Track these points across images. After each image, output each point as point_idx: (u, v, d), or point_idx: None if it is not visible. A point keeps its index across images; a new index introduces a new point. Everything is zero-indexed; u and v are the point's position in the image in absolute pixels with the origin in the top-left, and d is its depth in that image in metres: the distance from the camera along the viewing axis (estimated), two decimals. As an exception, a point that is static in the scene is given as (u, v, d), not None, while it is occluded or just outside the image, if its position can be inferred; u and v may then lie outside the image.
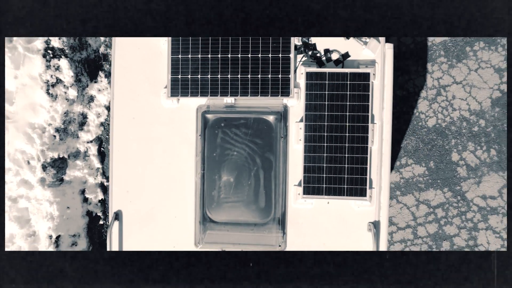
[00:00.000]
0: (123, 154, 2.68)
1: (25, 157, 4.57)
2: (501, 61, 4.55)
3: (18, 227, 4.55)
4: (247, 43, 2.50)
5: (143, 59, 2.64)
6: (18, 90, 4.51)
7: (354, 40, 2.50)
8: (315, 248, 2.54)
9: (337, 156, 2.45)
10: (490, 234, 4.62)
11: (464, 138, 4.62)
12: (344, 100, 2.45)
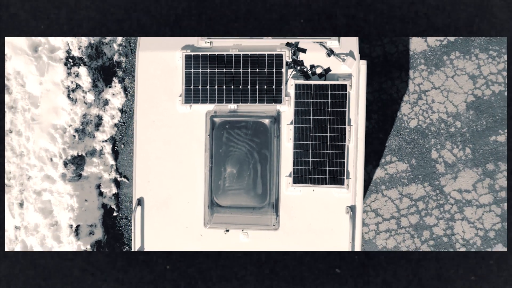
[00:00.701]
0: (145, 150, 3.33)
1: (48, 155, 5.22)
2: (474, 68, 5.19)
3: (42, 217, 5.20)
4: (247, 60, 3.14)
5: (162, 73, 3.29)
6: (43, 95, 5.16)
7: (334, 58, 3.15)
8: (302, 228, 3.18)
9: (320, 152, 3.10)
10: (466, 224, 5.26)
11: (442, 138, 5.26)
12: (326, 106, 3.09)
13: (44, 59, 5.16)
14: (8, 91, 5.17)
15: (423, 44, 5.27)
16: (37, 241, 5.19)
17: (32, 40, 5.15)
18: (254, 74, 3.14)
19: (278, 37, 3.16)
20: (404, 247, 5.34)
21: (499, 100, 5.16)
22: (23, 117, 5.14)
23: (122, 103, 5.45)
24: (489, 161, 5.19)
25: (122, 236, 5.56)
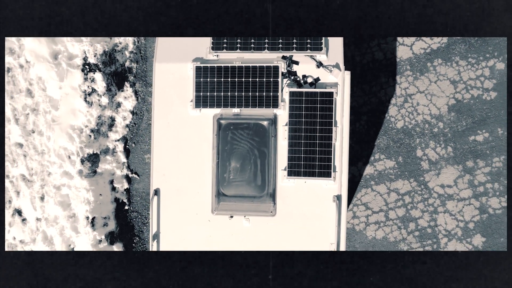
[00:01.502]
0: (161, 148, 3.99)
1: (66, 153, 5.89)
2: (455, 74, 5.86)
3: (61, 210, 5.87)
4: (248, 71, 3.80)
5: (175, 81, 3.95)
6: (62, 98, 5.84)
7: (323, 69, 3.80)
8: (296, 214, 3.84)
9: (310, 149, 3.75)
10: (448, 217, 5.93)
11: (426, 138, 5.93)
12: (316, 111, 3.75)
13: (63, 66, 5.82)
14: (30, 95, 5.84)
15: (408, 51, 5.93)
16: (57, 232, 5.86)
17: (52, 48, 5.82)
18: (254, 82, 3.80)
19: (275, 51, 3.83)
20: (392, 238, 6.00)
21: (477, 103, 5.82)
22: (45, 119, 5.81)
23: (133, 106, 6.11)
24: (469, 159, 5.85)
25: (133, 228, 6.22)
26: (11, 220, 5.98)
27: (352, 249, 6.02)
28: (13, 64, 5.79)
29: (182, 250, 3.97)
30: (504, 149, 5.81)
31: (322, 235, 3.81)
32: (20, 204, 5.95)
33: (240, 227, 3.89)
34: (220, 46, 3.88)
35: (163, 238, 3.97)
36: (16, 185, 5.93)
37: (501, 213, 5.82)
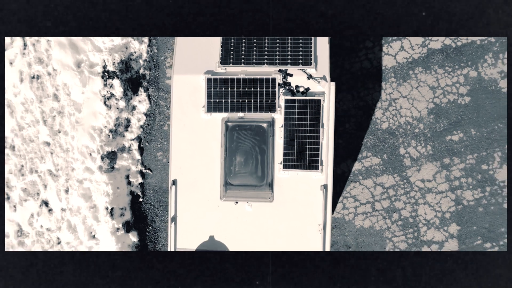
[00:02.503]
0: (178, 146, 4.99)
1: (88, 151, 6.90)
2: (434, 81, 6.87)
3: (84, 201, 6.88)
4: (250, 82, 4.81)
5: (190, 90, 4.95)
6: (84, 102, 6.85)
7: (312, 80, 4.82)
8: (290, 200, 4.84)
9: (302, 147, 4.75)
10: (427, 208, 6.94)
11: (409, 137, 6.94)
12: (306, 115, 4.76)
13: (85, 73, 6.84)
14: (57, 99, 6.85)
15: (393, 61, 6.95)
16: (80, 221, 6.88)
17: (76, 58, 6.83)
18: (256, 91, 4.81)
19: (273, 66, 4.85)
20: (378, 227, 7.01)
21: (453, 107, 6.84)
22: (69, 120, 6.83)
23: (147, 109, 7.12)
24: (446, 156, 6.87)
25: (146, 218, 7.24)
26: (38, 210, 7.00)
27: (342, 236, 7.04)
28: (41, 72, 6.81)
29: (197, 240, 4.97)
30: (477, 148, 6.83)
31: (311, 218, 4.82)
32: (47, 196, 6.97)
33: (244, 211, 4.91)
34: (227, 61, 4.90)
35: (180, 220, 4.98)
36: (44, 179, 6.94)
37: (474, 205, 6.84)
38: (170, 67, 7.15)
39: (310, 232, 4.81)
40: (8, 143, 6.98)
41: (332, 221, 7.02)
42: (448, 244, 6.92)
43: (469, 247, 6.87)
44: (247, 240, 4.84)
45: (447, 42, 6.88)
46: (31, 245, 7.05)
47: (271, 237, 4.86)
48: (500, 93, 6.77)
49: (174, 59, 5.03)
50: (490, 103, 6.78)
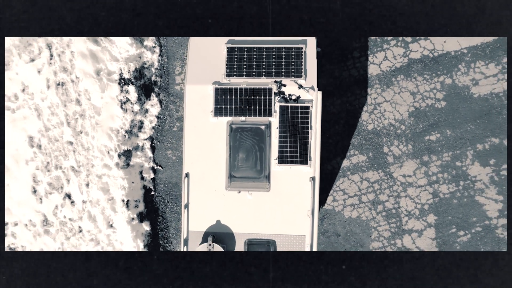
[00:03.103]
0: (190, 145, 6.19)
1: (106, 149, 8.11)
2: (414, 87, 8.07)
3: (103, 194, 8.09)
4: (251, 91, 6.02)
5: (200, 98, 6.15)
6: (103, 106, 8.06)
7: (303, 90, 6.02)
8: (284, 190, 6.05)
9: (294, 145, 5.95)
10: (408, 200, 8.14)
11: (391, 137, 8.14)
12: (297, 118, 5.96)
13: (104, 81, 8.05)
14: (79, 103, 8.07)
15: (377, 69, 8.16)
16: (99, 211, 8.09)
17: (96, 67, 8.05)
18: (255, 99, 6.02)
19: (269, 77, 6.05)
20: (364, 217, 8.22)
21: (431, 110, 8.04)
22: (90, 122, 8.04)
23: (158, 112, 8.32)
24: (425, 154, 8.07)
25: (157, 210, 8.45)
26: (62, 202, 8.22)
27: (332, 226, 8.24)
28: (66, 79, 8.03)
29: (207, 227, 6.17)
30: (452, 147, 8.03)
31: (301, 205, 6.04)
32: (70, 190, 8.18)
33: (245, 199, 6.12)
34: (231, 73, 6.11)
35: (191, 207, 6.19)
36: (67, 174, 8.16)
37: (449, 197, 8.05)
38: (179, 74, 8.37)
39: (300, 216, 6.02)
40: (35, 142, 8.20)
41: (323, 212, 8.23)
42: (427, 232, 8.13)
43: (445, 234, 8.07)
44: (248, 223, 6.05)
45: (425, 52, 8.09)
46: (55, 233, 8.26)
47: (268, 220, 6.07)
48: (472, 98, 7.98)
49: (186, 71, 6.24)
50: (463, 107, 7.99)
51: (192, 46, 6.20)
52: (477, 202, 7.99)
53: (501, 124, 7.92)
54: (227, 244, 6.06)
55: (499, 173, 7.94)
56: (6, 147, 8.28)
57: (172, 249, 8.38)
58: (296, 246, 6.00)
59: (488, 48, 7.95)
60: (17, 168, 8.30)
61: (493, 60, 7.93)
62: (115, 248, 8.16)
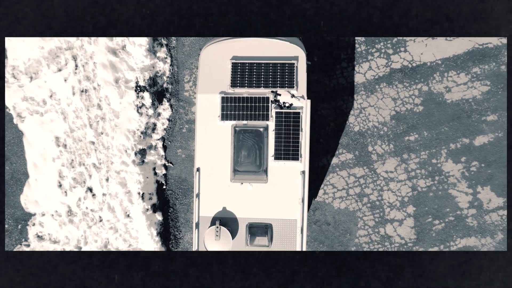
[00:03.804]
0: (201, 144, 7.82)
1: (124, 148, 9.74)
2: (395, 93, 9.70)
3: (121, 187, 9.72)
4: (252, 99, 7.65)
5: (209, 105, 7.79)
6: (121, 110, 9.69)
7: (295, 98, 7.64)
8: (279, 182, 7.69)
9: (287, 144, 7.58)
10: (390, 193, 9.77)
11: (375, 138, 9.77)
12: (290, 122, 7.59)
13: (122, 88, 9.68)
14: (100, 108, 9.69)
15: (363, 78, 9.78)
16: (117, 203, 9.72)
17: (115, 76, 9.67)
18: (255, 106, 7.64)
19: (267, 88, 7.67)
20: (351, 208, 9.84)
21: (410, 114, 9.66)
22: (110, 124, 9.67)
23: (169, 115, 9.95)
24: (404, 153, 9.69)
25: (168, 202, 10.07)
26: (85, 195, 9.84)
27: (323, 216, 9.86)
28: (89, 87, 9.66)
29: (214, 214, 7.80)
30: (428, 146, 9.65)
31: (293, 194, 7.65)
32: (92, 184, 9.81)
33: (247, 189, 7.73)
34: (235, 84, 7.72)
35: (201, 196, 7.81)
36: (89, 170, 9.79)
37: (426, 190, 9.66)
38: (187, 82, 9.99)
39: (292, 204, 7.65)
40: (61, 142, 9.83)
41: (315, 203, 9.85)
42: (406, 221, 9.75)
43: (422, 223, 9.69)
44: (249, 210, 7.67)
45: (405, 63, 9.71)
46: (79, 223, 9.88)
47: (266, 207, 7.69)
48: (446, 103, 9.60)
49: (198, 83, 7.87)
50: (438, 111, 9.61)
51: (202, 61, 7.82)
52: (450, 195, 9.62)
53: (470, 126, 9.54)
54: (232, 227, 7.69)
55: (469, 169, 9.56)
56: (35, 147, 9.91)
57: (181, 237, 10.01)
58: (289, 229, 7.63)
59: (459, 60, 9.58)
60: (45, 165, 9.93)
61: (464, 70, 9.56)
62: (131, 235, 9.78)
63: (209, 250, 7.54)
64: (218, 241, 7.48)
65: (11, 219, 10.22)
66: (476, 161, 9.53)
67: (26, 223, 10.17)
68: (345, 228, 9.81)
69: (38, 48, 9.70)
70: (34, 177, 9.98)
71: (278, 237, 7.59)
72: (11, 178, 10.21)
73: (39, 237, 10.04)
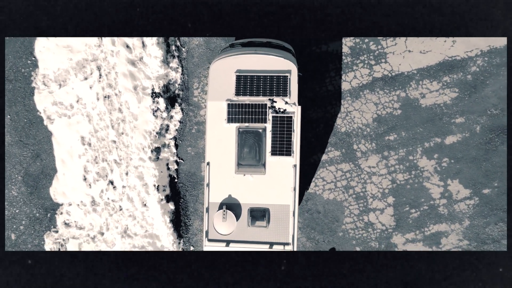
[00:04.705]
0: (211, 142, 10.15)
1: (142, 146, 12.10)
2: (377, 99, 12.04)
3: (139, 180, 12.08)
4: (252, 105, 10.00)
5: (218, 110, 10.12)
6: (139, 113, 12.05)
7: (288, 105, 9.98)
8: (274, 173, 10.03)
9: (281, 143, 9.93)
10: (373, 186, 12.11)
11: (359, 137, 12.12)
12: (284, 125, 9.94)
13: (140, 94, 12.04)
14: (121, 111, 12.04)
15: (348, 85, 12.13)
16: (136, 194, 12.07)
17: (134, 83, 12.03)
18: (255, 111, 9.99)
19: (265, 96, 10.01)
20: (339, 199, 12.18)
21: (390, 117, 12.00)
22: (129, 126, 12.02)
23: (180, 118, 12.30)
24: (385, 150, 12.04)
25: (179, 193, 12.41)
26: (107, 187, 12.18)
27: (314, 205, 12.20)
28: (111, 93, 12.00)
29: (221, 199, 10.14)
30: (406, 145, 12.00)
31: (287, 184, 10.00)
32: (113, 177, 12.15)
33: (248, 180, 10.07)
34: (239, 93, 10.06)
35: (211, 186, 10.14)
36: (111, 165, 12.13)
37: (404, 183, 12.00)
38: (196, 89, 12.33)
39: (286, 192, 9.98)
40: (86, 141, 12.16)
41: (307, 195, 12.18)
42: (387, 210, 12.07)
43: (400, 212, 12.03)
44: (250, 197, 9.99)
45: (385, 73, 12.05)
46: (101, 211, 12.22)
47: (264, 195, 10.01)
48: (421, 108, 11.92)
49: (208, 92, 10.21)
50: (414, 114, 11.94)
51: (211, 74, 10.15)
52: (424, 187, 11.94)
53: (442, 127, 11.87)
54: (236, 211, 10.00)
55: (441, 165, 11.90)
56: (63, 145, 12.25)
57: (191, 224, 12.35)
58: (283, 213, 9.94)
59: (432, 70, 11.92)
60: (71, 161, 12.27)
61: (436, 79, 11.90)
62: (148, 222, 12.11)
63: (217, 230, 9.88)
64: (225, 223, 9.81)
65: (41, 209, 12.57)
66: (447, 158, 11.86)
67: (54, 212, 12.51)
68: (334, 216, 12.14)
69: (67, 60, 12.05)
70: (62, 171, 12.31)
71: (274, 219, 9.93)
72: (41, 172, 12.55)
73: (66, 224, 12.37)
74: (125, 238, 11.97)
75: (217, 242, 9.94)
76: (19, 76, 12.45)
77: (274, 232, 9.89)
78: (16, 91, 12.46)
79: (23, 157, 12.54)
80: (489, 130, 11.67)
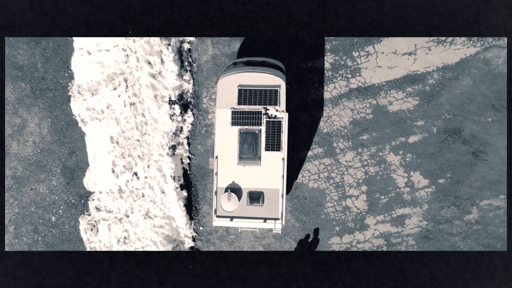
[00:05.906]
0: (219, 140, 14.42)
1: (161, 144, 16.44)
2: (352, 106, 16.36)
3: (158, 172, 16.43)
4: (251, 112, 14.30)
5: (224, 116, 14.39)
6: (159, 117, 16.40)
7: (278, 112, 14.27)
8: (268, 164, 14.35)
9: (272, 141, 14.17)
10: (349, 176, 16.43)
11: (338, 137, 16.43)
12: (275, 127, 14.23)
13: (159, 102, 16.38)
14: (143, 115, 16.37)
15: (329, 94, 16.44)
16: (156, 183, 16.41)
17: (154, 93, 16.36)
18: (253, 117, 14.27)
19: (260, 105, 14.28)
20: (321, 187, 16.47)
21: (363, 120, 16.30)
22: (151, 127, 16.35)
23: (192, 121, 16.61)
24: (359, 147, 16.33)
25: (191, 183, 16.73)
26: (131, 177, 16.49)
27: (301, 192, 16.48)
28: (136, 101, 16.32)
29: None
30: (376, 143, 16.30)
31: (277, 173, 14.26)
32: (137, 170, 16.47)
33: (247, 170, 14.34)
34: (240, 102, 14.33)
35: (218, 175, 14.39)
36: (135, 160, 16.45)
37: (375, 175, 16.30)
38: (205, 97, 16.62)
39: (277, 179, 14.25)
40: (114, 140, 16.46)
41: (296, 184, 16.47)
42: (361, 197, 16.35)
43: (372, 198, 16.31)
44: (249, 183, 14.24)
45: (360, 84, 16.34)
46: (127, 198, 16.52)
47: (260, 181, 14.27)
48: (388, 113, 16.22)
49: (216, 101, 14.48)
50: (383, 118, 16.24)
51: (219, 87, 14.42)
52: (391, 178, 16.22)
53: (406, 129, 16.15)
54: (238, 194, 14.27)
55: (405, 159, 16.18)
56: (94, 144, 16.56)
57: (200, 208, 16.65)
58: (274, 195, 14.21)
59: (398, 82, 16.21)
60: (102, 157, 16.57)
61: (401, 89, 16.19)
62: (165, 206, 16.39)
63: (223, 208, 14.18)
64: (229, 202, 14.10)
65: (77, 196, 16.87)
66: (410, 154, 16.12)
67: (87, 199, 16.80)
68: (317, 201, 16.43)
69: (99, 73, 16.36)
70: (94, 165, 16.60)
71: (268, 200, 14.22)
72: (76, 166, 16.85)
73: (97, 209, 16.67)
74: (147, 219, 16.27)
75: (223, 218, 14.27)
76: (58, 86, 16.77)
77: (267, 210, 14.21)
78: (56, 99, 16.78)
79: (61, 153, 16.85)
80: (444, 131, 15.94)
